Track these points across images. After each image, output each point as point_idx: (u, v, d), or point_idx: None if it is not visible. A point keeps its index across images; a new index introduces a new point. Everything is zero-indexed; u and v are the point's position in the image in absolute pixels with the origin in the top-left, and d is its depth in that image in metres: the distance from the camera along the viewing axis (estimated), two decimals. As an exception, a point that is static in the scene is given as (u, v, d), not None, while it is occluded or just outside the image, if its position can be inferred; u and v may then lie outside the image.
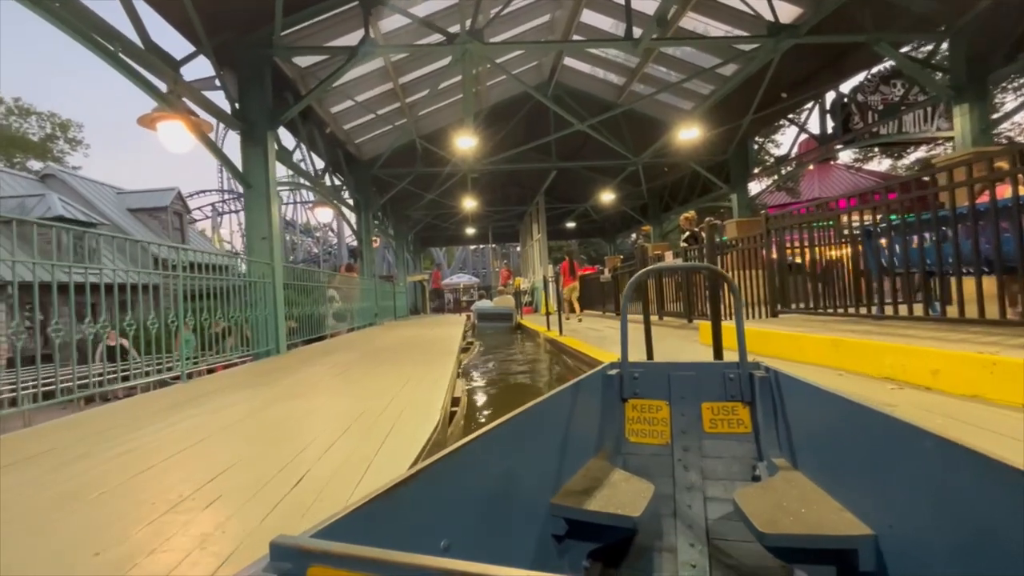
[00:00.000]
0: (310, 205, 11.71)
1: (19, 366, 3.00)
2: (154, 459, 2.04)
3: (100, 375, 3.87)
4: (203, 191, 38.87)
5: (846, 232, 4.53)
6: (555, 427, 1.67)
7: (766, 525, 1.27)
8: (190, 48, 5.52)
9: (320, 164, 10.23)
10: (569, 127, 11.11)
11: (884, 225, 4.02)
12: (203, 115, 5.93)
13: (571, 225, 22.71)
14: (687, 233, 9.19)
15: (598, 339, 6.38)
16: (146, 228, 19.33)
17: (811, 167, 17.00)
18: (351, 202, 12.18)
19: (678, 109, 12.09)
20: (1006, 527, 0.85)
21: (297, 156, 9.33)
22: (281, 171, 8.65)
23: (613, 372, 2.02)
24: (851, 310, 4.40)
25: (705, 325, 5.49)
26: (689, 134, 10.07)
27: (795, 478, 1.55)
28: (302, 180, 8.97)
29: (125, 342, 5.24)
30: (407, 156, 12.42)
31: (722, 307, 5.64)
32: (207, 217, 38.46)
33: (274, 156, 6.45)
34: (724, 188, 13.20)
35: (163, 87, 5.07)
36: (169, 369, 4.60)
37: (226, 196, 38.45)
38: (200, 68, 6.15)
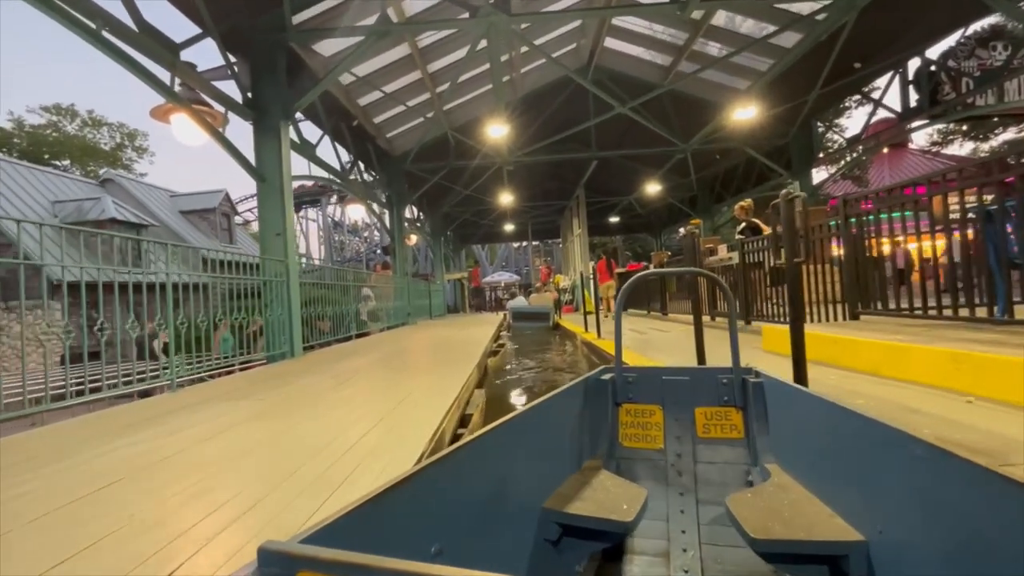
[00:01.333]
0: (344, 203, 11.48)
1: (67, 363, 3.40)
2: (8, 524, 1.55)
3: (141, 373, 3.78)
4: (255, 195, 40.30)
5: (954, 215, 3.58)
6: (549, 431, 1.65)
7: (758, 531, 1.29)
8: (196, 32, 5.18)
9: (346, 158, 9.90)
10: (610, 112, 10.28)
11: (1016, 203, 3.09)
12: (215, 106, 5.63)
13: (614, 220, 21.70)
14: (743, 224, 8.29)
15: (641, 344, 5.62)
16: (196, 229, 19.97)
17: (884, 150, 15.25)
18: (383, 198, 11.87)
19: (731, 89, 11.00)
20: (995, 535, 0.87)
21: (323, 152, 9.01)
22: (299, 164, 8.35)
23: (607, 376, 2.02)
24: (961, 312, 3.47)
25: (771, 329, 4.64)
26: (745, 113, 9.03)
27: (787, 484, 1.56)
28: (325, 175, 8.60)
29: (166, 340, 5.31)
30: (440, 150, 11.97)
31: (803, 308, 4.78)
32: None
33: (289, 148, 6.08)
34: (784, 175, 11.95)
35: (169, 77, 4.74)
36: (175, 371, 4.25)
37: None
38: (209, 56, 5.81)
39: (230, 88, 5.79)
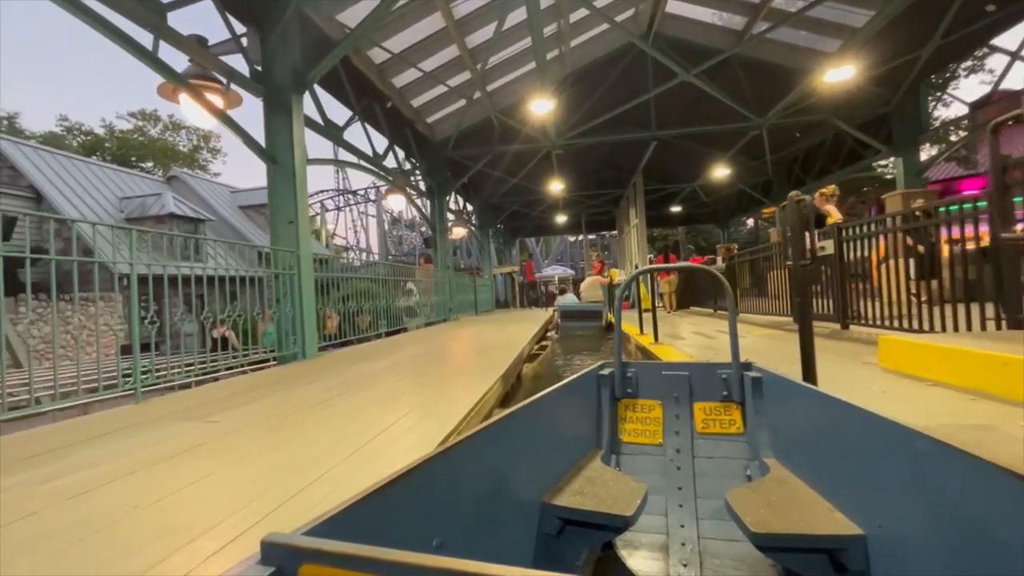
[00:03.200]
0: (386, 193, 10.96)
1: (118, 354, 4.14)
2: None
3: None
4: (322, 191, 41.86)
5: None
6: (549, 426, 1.65)
7: (757, 525, 1.30)
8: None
9: (382, 143, 9.29)
10: (672, 80, 9.02)
11: None
12: (223, 81, 5.10)
13: (676, 210, 20.06)
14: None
15: (707, 351, 4.54)
16: (253, 223, 20.45)
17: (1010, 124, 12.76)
18: (423, 187, 11.26)
19: (817, 53, 9.39)
20: (995, 529, 0.87)
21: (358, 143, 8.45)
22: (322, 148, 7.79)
23: (607, 372, 2.04)
24: None
25: (897, 342, 3.43)
26: (840, 75, 7.49)
27: (786, 478, 1.58)
28: (354, 159, 7.99)
29: (230, 333, 5.27)
30: (484, 135, 11.17)
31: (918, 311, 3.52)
32: (327, 210, 41.28)
33: (302, 125, 5.46)
34: (883, 150, 10.14)
35: (153, 42, 4.20)
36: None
37: (341, 194, 40.94)
38: (211, 28, 5.26)
39: (238, 63, 5.24)
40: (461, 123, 10.15)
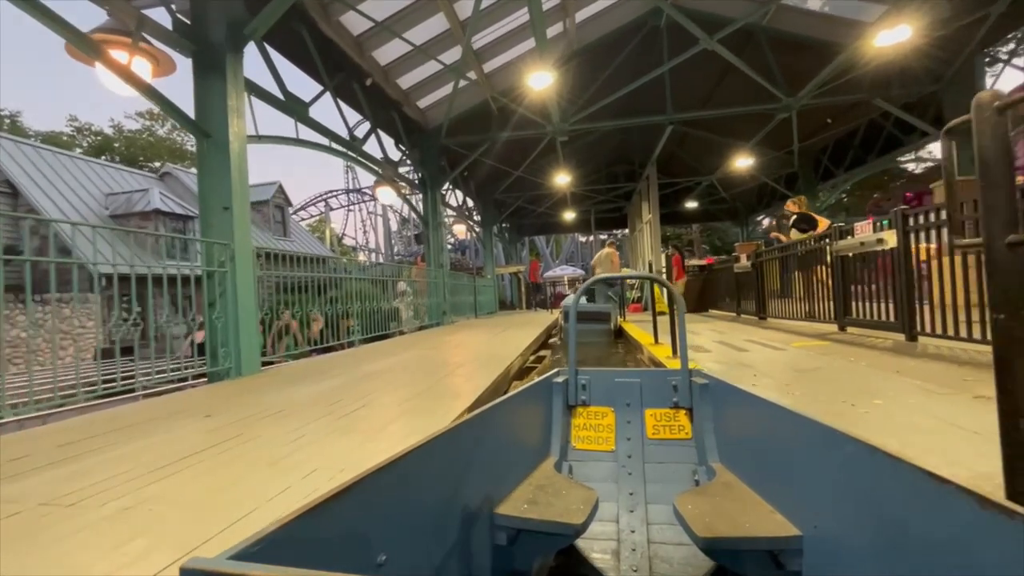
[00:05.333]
0: (375, 186, 10.04)
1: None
2: None
3: None
4: (333, 191, 41.35)
5: None
6: (501, 435, 1.63)
7: (703, 529, 1.34)
8: None
9: (360, 125, 8.32)
10: (693, 47, 7.93)
11: None
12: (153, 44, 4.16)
13: (692, 205, 18.86)
14: (794, 217, 7.10)
15: (736, 368, 3.47)
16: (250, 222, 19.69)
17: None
18: (415, 178, 10.28)
19: (857, 23, 8.24)
20: (917, 526, 0.92)
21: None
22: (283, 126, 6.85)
23: (561, 379, 2.07)
24: None
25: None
26: (894, 36, 6.30)
27: (732, 482, 1.61)
28: (324, 141, 7.02)
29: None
30: (481, 121, 10.16)
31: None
32: (332, 209, 40.72)
33: (243, 91, 4.50)
34: (933, 133, 8.91)
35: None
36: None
37: (347, 193, 40.31)
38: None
39: (162, 16, 4.31)
40: (452, 107, 9.14)
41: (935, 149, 19.30)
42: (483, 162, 11.66)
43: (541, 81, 7.10)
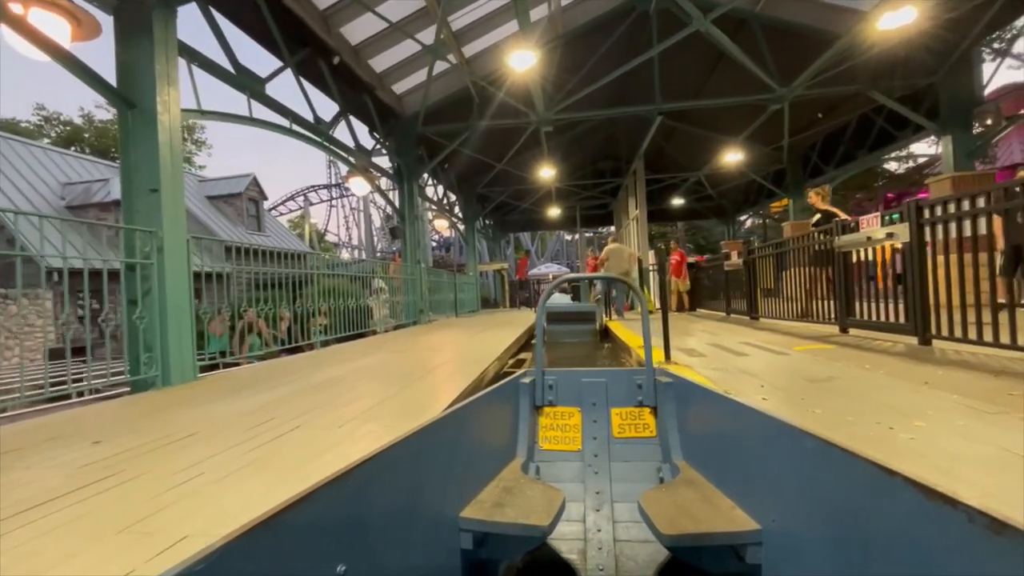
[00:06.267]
0: (347, 176, 9.42)
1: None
2: None
3: None
4: (313, 186, 40.30)
5: None
6: (467, 438, 1.60)
7: (666, 526, 1.35)
8: None
9: (328, 108, 7.70)
10: (685, 30, 7.49)
11: None
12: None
13: (678, 203, 18.53)
14: (817, 216, 6.24)
15: (738, 376, 3.01)
16: (221, 215, 18.84)
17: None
18: (391, 169, 9.68)
19: (848, 12, 7.89)
20: (869, 517, 0.95)
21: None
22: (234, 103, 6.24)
23: (528, 380, 2.07)
24: None
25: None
26: (899, 18, 5.88)
27: (694, 478, 1.63)
28: (285, 123, 6.41)
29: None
30: (461, 109, 9.59)
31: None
32: (312, 204, 39.69)
33: (175, 52, 3.90)
34: (931, 127, 8.60)
35: None
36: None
37: (333, 189, 39.30)
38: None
39: None
40: (429, 91, 8.56)
41: (917, 148, 19.23)
42: (464, 153, 11.10)
43: (523, 61, 6.57)
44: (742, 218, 21.35)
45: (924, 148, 19.96)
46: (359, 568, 0.95)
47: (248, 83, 5.37)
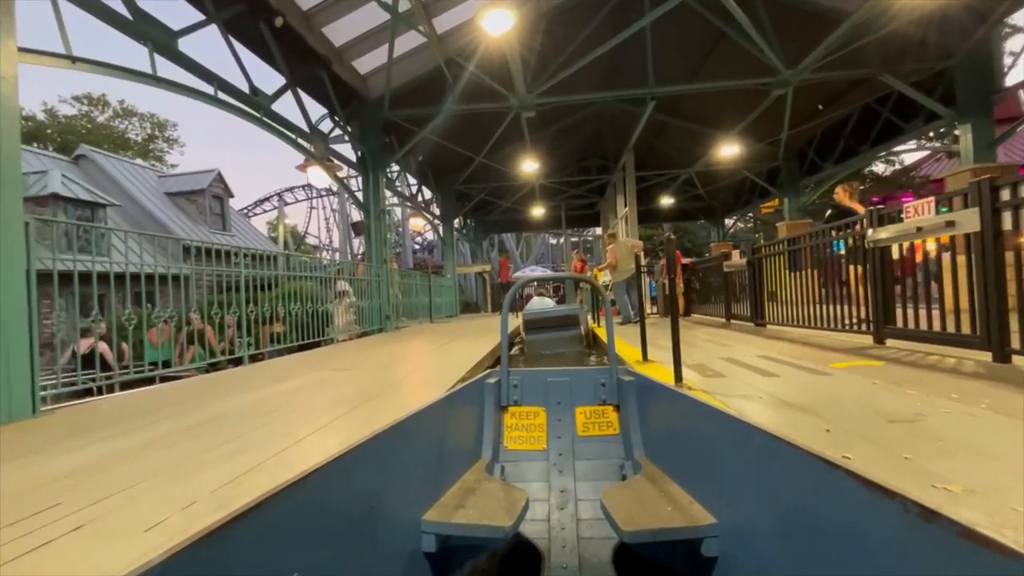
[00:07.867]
0: (305, 165, 8.49)
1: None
2: None
3: None
4: (291, 187, 39.04)
5: None
6: (431, 439, 1.60)
7: (627, 523, 1.40)
8: None
9: (273, 80, 6.68)
10: (674, 27, 6.63)
11: None
12: None
13: (668, 202, 17.79)
14: (829, 212, 5.68)
15: (778, 412, 2.10)
16: (182, 212, 17.56)
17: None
18: (355, 157, 8.65)
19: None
20: (815, 509, 0.98)
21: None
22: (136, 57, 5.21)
23: (493, 380, 2.13)
24: None
25: None
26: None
27: (655, 475, 1.69)
28: (209, 90, 5.36)
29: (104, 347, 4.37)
30: (434, 91, 8.63)
31: None
32: (287, 203, 38.46)
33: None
34: (947, 114, 7.89)
35: None
36: None
37: (310, 190, 38.11)
38: None
39: None
40: (393, 69, 7.58)
41: (901, 149, 18.72)
42: (439, 143, 10.13)
43: (499, 23, 5.62)
44: (727, 222, 20.72)
45: (910, 151, 19.47)
46: (314, 574, 0.92)
47: (149, 32, 4.32)
